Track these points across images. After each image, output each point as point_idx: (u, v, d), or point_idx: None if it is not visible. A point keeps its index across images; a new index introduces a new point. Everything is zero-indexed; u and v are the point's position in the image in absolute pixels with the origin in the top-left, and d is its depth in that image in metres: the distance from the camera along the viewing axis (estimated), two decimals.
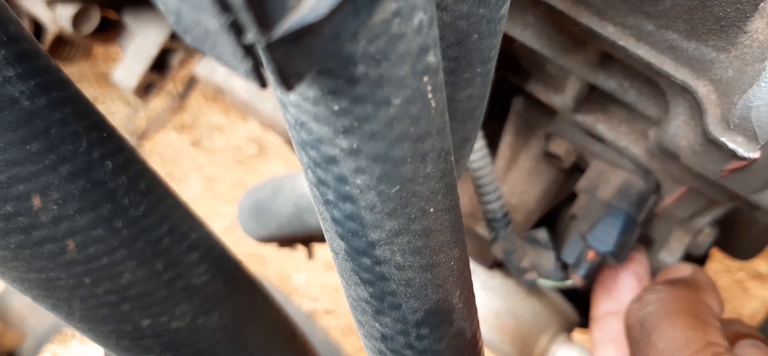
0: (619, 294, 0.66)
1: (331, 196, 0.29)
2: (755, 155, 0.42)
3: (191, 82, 1.72)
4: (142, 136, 2.07)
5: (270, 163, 2.14)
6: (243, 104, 1.13)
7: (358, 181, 0.28)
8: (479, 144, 0.62)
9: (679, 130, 0.48)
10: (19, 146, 0.35)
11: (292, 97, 0.26)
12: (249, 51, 0.18)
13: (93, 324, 0.43)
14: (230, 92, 1.13)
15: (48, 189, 0.37)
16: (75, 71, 2.19)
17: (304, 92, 0.25)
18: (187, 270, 0.45)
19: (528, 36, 0.56)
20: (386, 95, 0.25)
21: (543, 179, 0.71)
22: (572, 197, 0.69)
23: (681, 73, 0.44)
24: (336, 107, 0.25)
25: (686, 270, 0.62)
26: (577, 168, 0.69)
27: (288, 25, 0.18)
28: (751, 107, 0.40)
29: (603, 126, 0.61)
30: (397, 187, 0.28)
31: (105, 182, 0.39)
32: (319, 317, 1.79)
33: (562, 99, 0.61)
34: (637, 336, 0.54)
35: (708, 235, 0.68)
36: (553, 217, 0.77)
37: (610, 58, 0.52)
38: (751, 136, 0.41)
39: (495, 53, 0.40)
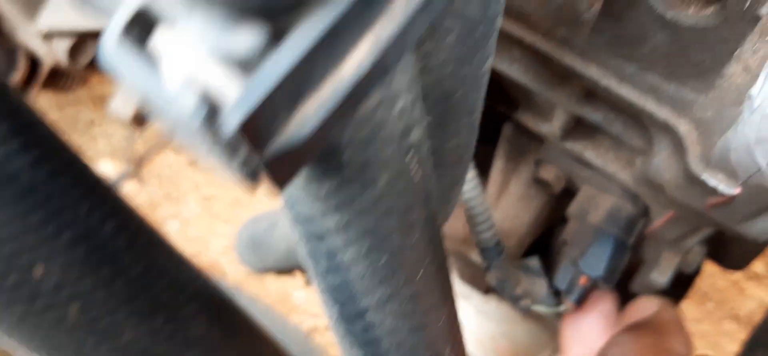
0: (587, 338, 0.65)
1: (323, 267, 0.30)
2: (736, 191, 0.43)
3: None
4: (141, 160, 2.08)
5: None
6: None
7: (348, 254, 0.29)
8: (470, 174, 0.63)
9: (663, 164, 0.49)
10: (21, 219, 0.36)
11: None
12: (240, 166, 0.20)
13: None
14: None
15: (50, 258, 0.37)
16: (71, 96, 2.20)
17: None
18: (186, 321, 0.46)
19: (514, 70, 0.57)
20: (372, 175, 0.26)
21: (534, 204, 0.72)
22: (563, 219, 0.70)
23: (662, 112, 0.45)
24: (324, 189, 0.26)
25: (651, 306, 0.62)
26: (568, 192, 0.70)
27: (278, 147, 0.19)
28: (729, 148, 0.41)
29: (591, 153, 0.62)
30: (386, 257, 0.29)
31: (105, 244, 0.40)
32: (320, 333, 1.80)
33: (549, 128, 0.62)
34: None
35: (698, 253, 0.70)
36: (547, 237, 0.78)
37: (595, 92, 0.54)
38: (731, 174, 0.43)
39: (480, 103, 0.41)
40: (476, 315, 0.74)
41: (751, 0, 0.34)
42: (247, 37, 0.17)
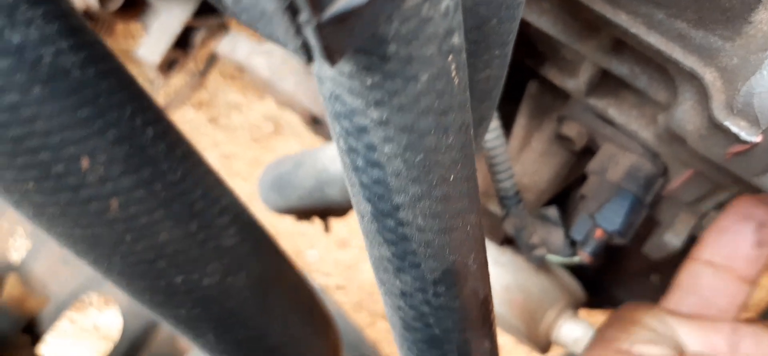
0: (729, 247, 0.59)
1: (360, 163, 0.32)
2: (757, 139, 0.44)
3: (211, 60, 1.75)
4: None
5: (286, 141, 2.18)
6: (263, 82, 1.16)
7: (386, 149, 0.30)
8: (494, 124, 0.64)
9: (686, 114, 0.51)
10: (70, 112, 0.38)
11: (330, 72, 0.28)
12: (300, 30, 0.21)
13: (130, 278, 0.46)
14: (251, 70, 1.16)
15: (95, 152, 0.39)
16: None
17: (341, 68, 0.28)
18: (217, 231, 0.48)
19: (544, 22, 0.58)
20: (414, 71, 0.28)
21: (555, 161, 0.74)
22: (583, 178, 0.71)
23: (689, 61, 0.46)
24: (369, 82, 0.28)
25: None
26: (588, 151, 0.72)
27: (336, 9, 0.20)
28: (753, 93, 0.42)
29: (614, 110, 0.63)
30: (421, 155, 0.31)
31: (146, 147, 0.42)
32: (331, 292, 1.83)
33: (575, 83, 0.63)
34: None
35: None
36: (564, 198, 0.80)
37: (622, 44, 0.55)
38: (754, 121, 0.44)
39: (513, 37, 0.42)
40: (492, 265, 0.75)
41: None
42: None
